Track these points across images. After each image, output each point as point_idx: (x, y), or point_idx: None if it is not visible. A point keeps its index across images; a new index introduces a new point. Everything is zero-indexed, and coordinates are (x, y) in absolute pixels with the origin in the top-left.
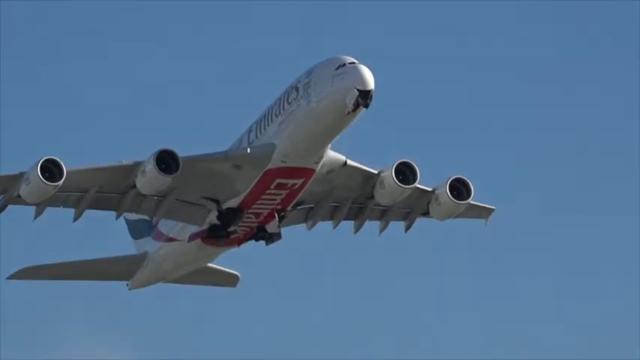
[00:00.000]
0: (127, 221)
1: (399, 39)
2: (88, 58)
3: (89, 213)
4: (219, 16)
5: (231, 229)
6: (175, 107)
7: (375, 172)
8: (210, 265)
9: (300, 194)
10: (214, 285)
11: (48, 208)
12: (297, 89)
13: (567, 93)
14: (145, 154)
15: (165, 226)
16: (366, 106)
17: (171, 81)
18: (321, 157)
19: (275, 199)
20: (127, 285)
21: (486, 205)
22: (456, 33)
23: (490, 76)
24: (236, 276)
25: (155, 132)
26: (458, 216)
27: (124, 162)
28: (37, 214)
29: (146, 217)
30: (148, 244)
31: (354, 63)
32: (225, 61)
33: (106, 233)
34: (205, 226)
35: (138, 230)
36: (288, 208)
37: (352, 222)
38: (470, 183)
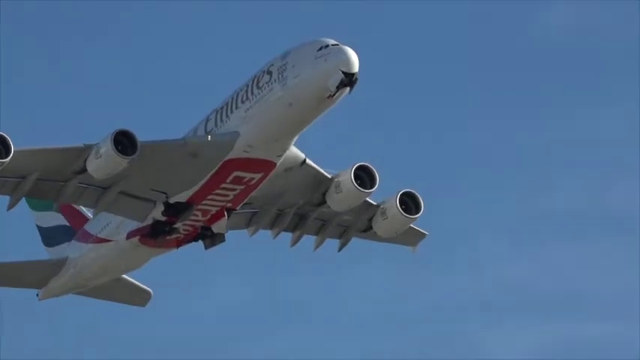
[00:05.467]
0: (41, 228)
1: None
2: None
3: None
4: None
5: (177, 225)
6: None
7: (329, 176)
8: (124, 276)
9: (253, 193)
10: (124, 302)
11: None
12: (269, 73)
13: None
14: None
15: (95, 226)
16: (351, 88)
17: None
18: (285, 150)
19: (227, 196)
20: (37, 295)
21: (420, 229)
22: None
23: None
24: (148, 292)
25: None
26: (388, 240)
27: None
28: None
29: (65, 223)
30: (69, 249)
31: (337, 44)
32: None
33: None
34: (148, 222)
35: (54, 237)
36: (238, 208)
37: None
38: (420, 198)
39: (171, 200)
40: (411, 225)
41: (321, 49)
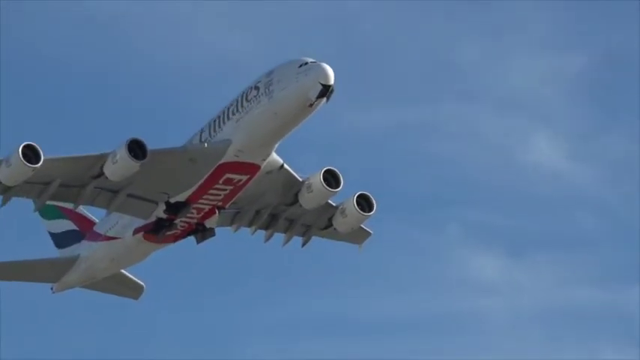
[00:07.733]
0: (53, 234)
1: None
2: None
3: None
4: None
5: (176, 222)
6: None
7: (301, 179)
8: (122, 271)
9: (240, 193)
10: (119, 294)
11: None
12: (257, 88)
13: None
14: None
15: (103, 227)
16: (328, 98)
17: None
18: (268, 155)
19: (219, 195)
20: (52, 288)
21: (366, 228)
22: None
23: None
24: (141, 286)
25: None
26: (338, 238)
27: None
28: (4, 201)
29: (74, 228)
30: (80, 248)
31: (315, 62)
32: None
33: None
34: (152, 219)
35: (64, 240)
36: (227, 206)
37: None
38: (372, 198)
39: (172, 200)
40: (361, 225)
41: (301, 65)
